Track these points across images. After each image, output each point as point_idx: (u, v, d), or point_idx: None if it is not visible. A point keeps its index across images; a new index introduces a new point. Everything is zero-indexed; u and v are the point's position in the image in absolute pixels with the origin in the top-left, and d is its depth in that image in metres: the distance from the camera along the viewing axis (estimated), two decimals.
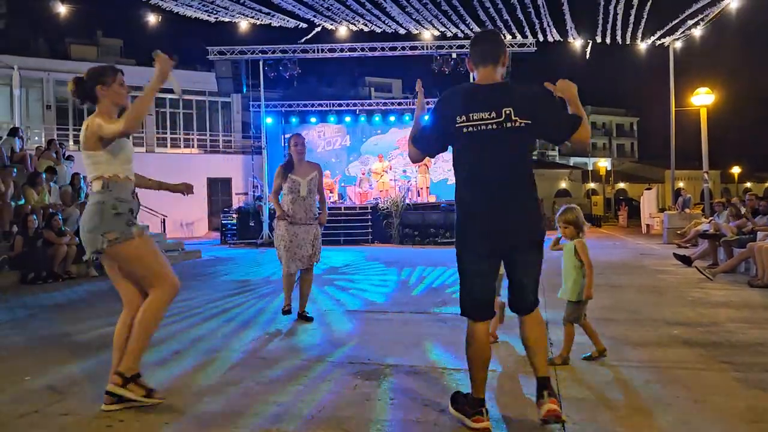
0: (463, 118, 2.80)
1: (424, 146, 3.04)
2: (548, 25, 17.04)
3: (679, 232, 14.56)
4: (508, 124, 2.76)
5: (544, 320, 3.11)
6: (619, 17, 16.45)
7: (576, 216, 4.14)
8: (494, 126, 2.77)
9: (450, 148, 2.98)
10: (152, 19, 17.34)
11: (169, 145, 25.77)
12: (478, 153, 2.81)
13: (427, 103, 20.93)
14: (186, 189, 3.79)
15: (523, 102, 2.80)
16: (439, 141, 2.97)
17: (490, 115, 2.77)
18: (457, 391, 3.14)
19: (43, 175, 11.08)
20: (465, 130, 2.79)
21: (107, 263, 3.33)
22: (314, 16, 16.36)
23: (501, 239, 2.83)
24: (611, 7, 15.84)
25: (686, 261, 9.73)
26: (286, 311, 5.67)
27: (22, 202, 10.41)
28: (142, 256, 3.25)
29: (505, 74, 3.03)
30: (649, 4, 15.63)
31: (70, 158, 14.07)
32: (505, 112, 2.76)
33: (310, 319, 5.65)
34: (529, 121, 2.77)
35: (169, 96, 25.92)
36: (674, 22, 18.37)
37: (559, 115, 2.90)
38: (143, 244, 3.25)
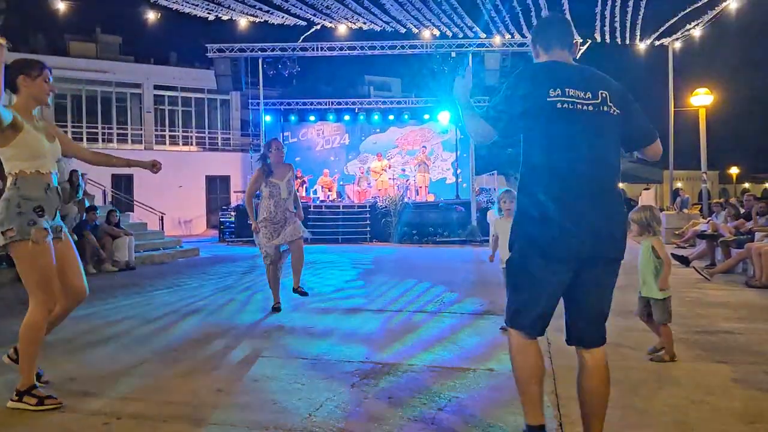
0: (558, 91, 2.37)
1: (503, 123, 2.45)
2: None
3: (677, 232, 14.56)
4: (605, 108, 2.40)
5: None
6: (617, 17, 16.45)
7: (641, 216, 4.26)
8: (591, 108, 2.38)
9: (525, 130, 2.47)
10: (151, 16, 17.28)
11: (167, 142, 25.73)
12: (572, 135, 2.36)
13: (426, 103, 20.74)
14: (154, 165, 3.75)
15: (615, 90, 2.48)
16: (522, 117, 2.42)
17: (585, 95, 2.39)
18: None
19: None
20: (560, 105, 2.35)
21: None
22: (314, 14, 16.34)
23: (584, 245, 2.35)
24: (608, 8, 15.83)
25: (684, 261, 9.74)
26: (276, 308, 5.83)
27: None
28: (27, 265, 3.16)
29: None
30: (643, 3, 15.61)
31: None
32: (601, 94, 2.42)
33: (305, 294, 5.84)
34: (620, 112, 2.45)
35: (168, 93, 25.89)
36: (672, 21, 18.37)
37: (645, 119, 2.59)
38: (36, 253, 3.14)
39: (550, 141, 2.38)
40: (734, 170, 54.80)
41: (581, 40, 18.18)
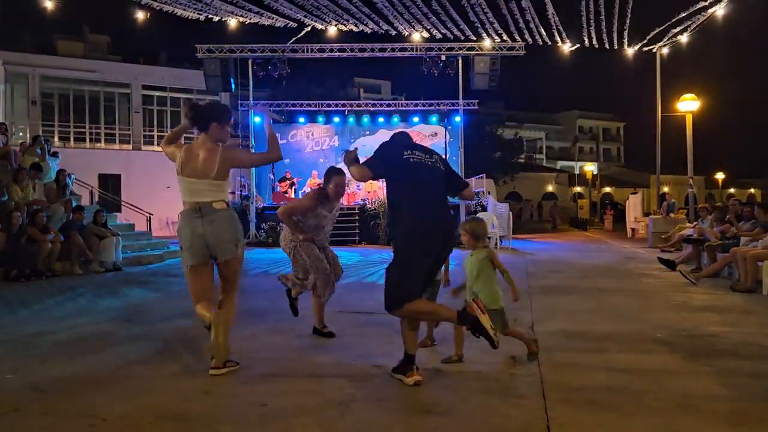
0: (409, 152, 3.87)
1: (375, 170, 4.00)
2: (536, 28, 17.14)
3: (663, 236, 14.68)
4: (438, 165, 3.92)
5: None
6: (603, 22, 16.59)
7: (474, 227, 4.13)
8: (429, 162, 3.88)
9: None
10: (140, 15, 17.19)
11: (156, 142, 25.58)
12: (420, 177, 3.81)
13: (415, 106, 20.68)
14: None
15: (438, 156, 4.00)
16: (388, 168, 3.93)
17: (426, 155, 3.92)
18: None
19: (28, 172, 10.96)
20: (411, 159, 3.83)
21: (204, 267, 3.83)
22: (305, 16, 16.32)
23: (436, 240, 3.82)
24: (592, 13, 15.97)
25: (670, 265, 9.82)
26: (329, 333, 5.04)
27: (5, 198, 10.29)
28: (242, 264, 3.84)
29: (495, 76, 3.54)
30: (629, 9, 15.76)
31: (55, 155, 13.94)
32: (434, 156, 3.98)
33: (332, 334, 5.03)
34: (444, 170, 3.94)
35: (157, 93, 25.76)
36: (661, 29, 18.56)
37: (457, 174, 4.24)
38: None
39: (404, 181, 3.78)
40: (720, 175, 55.34)
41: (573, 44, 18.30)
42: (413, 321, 3.76)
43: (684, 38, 19.37)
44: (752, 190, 57.97)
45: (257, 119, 20.31)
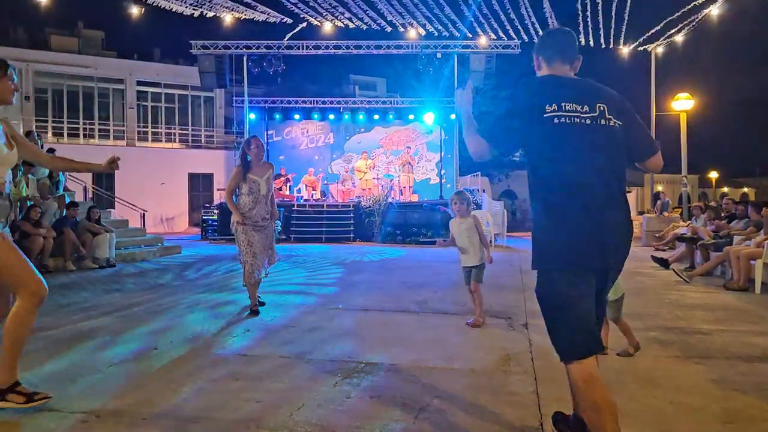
0: (554, 106, 2.39)
1: (503, 142, 2.53)
2: (532, 27, 17.16)
3: (657, 235, 14.74)
4: (602, 121, 2.42)
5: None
6: (598, 21, 16.63)
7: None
8: (588, 120, 2.40)
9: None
10: (135, 11, 17.12)
11: (150, 139, 25.48)
12: (572, 148, 2.38)
13: (411, 103, 20.75)
14: (112, 162, 3.67)
15: (614, 103, 2.50)
16: (520, 135, 2.47)
17: (583, 108, 2.41)
18: (559, 412, 2.77)
19: (21, 167, 10.90)
20: (556, 120, 2.38)
21: None
22: (300, 9, 16.27)
23: (604, 254, 2.38)
24: (589, 13, 15.99)
25: (664, 263, 9.86)
26: (255, 311, 5.83)
27: None
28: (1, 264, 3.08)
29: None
30: (624, 8, 15.79)
31: (51, 151, 13.86)
32: (599, 107, 2.44)
33: (262, 303, 6.07)
34: (621, 124, 2.47)
35: (151, 89, 25.65)
36: (657, 28, 18.61)
37: (646, 132, 2.61)
38: (5, 250, 3.09)
39: (551, 155, 2.40)
40: (714, 174, 55.58)
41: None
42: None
43: (679, 37, 19.42)
44: (745, 189, 58.24)
45: (252, 115, 20.31)
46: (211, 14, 16.90)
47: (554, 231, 2.37)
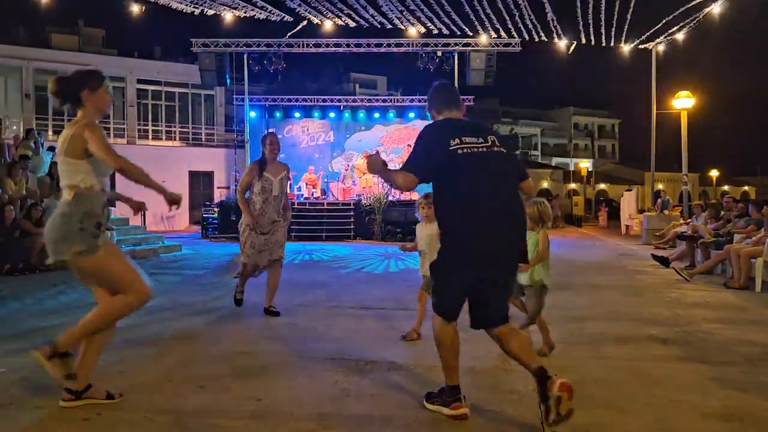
0: (457, 140, 3.02)
1: (422, 171, 3.08)
2: (532, 24, 17.14)
3: (657, 233, 14.72)
4: (495, 149, 3.07)
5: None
6: (600, 19, 16.60)
7: (533, 210, 4.31)
8: (484, 149, 3.04)
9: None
10: (135, 9, 17.09)
11: (150, 137, 25.47)
12: (474, 171, 2.98)
13: (411, 101, 20.56)
14: (138, 208, 3.70)
15: (497, 137, 3.18)
16: (434, 163, 3.05)
17: (478, 140, 3.05)
18: (429, 391, 3.23)
19: (20, 164, 10.90)
20: (460, 151, 2.99)
21: (76, 270, 3.17)
22: (301, 6, 16.23)
23: (492, 250, 3.01)
24: (588, 10, 15.97)
25: (664, 262, 9.86)
26: (239, 300, 5.78)
27: None
28: (106, 268, 3.13)
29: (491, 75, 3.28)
30: (626, 6, 15.78)
31: (51, 149, 13.85)
32: (489, 138, 3.10)
33: (277, 314, 5.57)
34: (504, 151, 3.12)
35: (152, 87, 25.65)
36: (657, 27, 18.58)
37: (519, 160, 3.42)
38: (108, 254, 3.13)
39: (457, 179, 3.00)
40: (714, 173, 55.51)
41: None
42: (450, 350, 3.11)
43: (680, 36, 19.39)
44: (746, 188, 58.18)
45: (252, 114, 20.32)
46: (211, 12, 16.87)
47: (461, 231, 2.98)
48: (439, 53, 18.27)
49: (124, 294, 3.13)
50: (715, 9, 16.79)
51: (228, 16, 17.39)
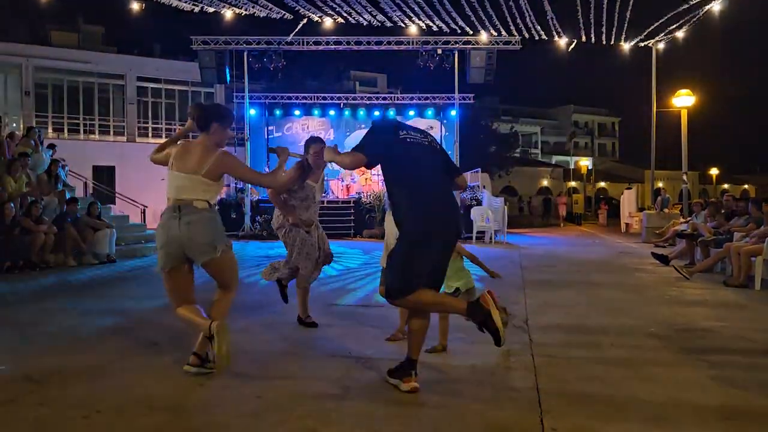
0: (404, 132, 3.56)
1: (371, 151, 3.49)
2: (532, 23, 17.12)
3: (657, 231, 14.72)
4: (434, 145, 3.66)
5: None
6: (600, 17, 16.57)
7: None
8: (426, 143, 3.58)
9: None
10: (135, 6, 17.06)
11: (150, 134, 25.48)
12: (417, 158, 3.48)
13: (411, 99, 20.63)
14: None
15: (435, 138, 3.76)
16: (383, 146, 3.51)
17: (421, 136, 3.60)
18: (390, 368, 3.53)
19: (20, 161, 10.89)
20: (408, 139, 3.52)
21: (214, 264, 3.71)
22: (301, 4, 16.19)
23: (438, 227, 3.46)
24: (590, 8, 15.95)
25: (664, 260, 9.86)
26: (312, 323, 5.13)
27: None
28: (235, 262, 3.87)
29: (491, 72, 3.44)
30: (626, 4, 15.75)
31: (51, 146, 13.85)
32: (428, 137, 3.67)
33: (315, 325, 5.12)
34: (440, 149, 3.72)
35: (152, 85, 25.64)
36: (657, 24, 18.56)
37: (452, 159, 3.87)
38: (233, 254, 3.83)
39: (405, 163, 3.45)
40: (714, 171, 55.51)
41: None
42: (419, 319, 3.47)
43: (680, 34, 19.38)
44: (746, 186, 58.19)
45: (252, 111, 20.29)
46: (211, 10, 16.84)
47: (408, 210, 3.39)
48: (440, 51, 18.26)
49: (230, 288, 3.90)
50: (715, 7, 16.77)
51: (228, 14, 17.36)
